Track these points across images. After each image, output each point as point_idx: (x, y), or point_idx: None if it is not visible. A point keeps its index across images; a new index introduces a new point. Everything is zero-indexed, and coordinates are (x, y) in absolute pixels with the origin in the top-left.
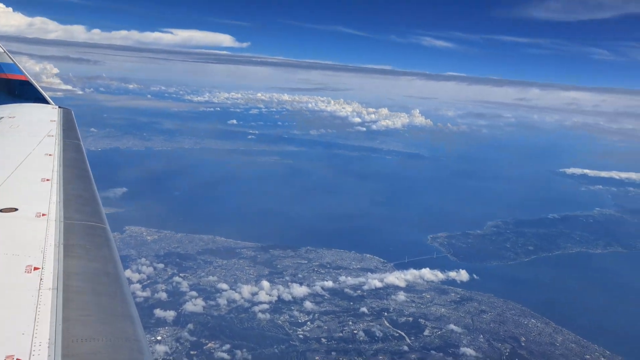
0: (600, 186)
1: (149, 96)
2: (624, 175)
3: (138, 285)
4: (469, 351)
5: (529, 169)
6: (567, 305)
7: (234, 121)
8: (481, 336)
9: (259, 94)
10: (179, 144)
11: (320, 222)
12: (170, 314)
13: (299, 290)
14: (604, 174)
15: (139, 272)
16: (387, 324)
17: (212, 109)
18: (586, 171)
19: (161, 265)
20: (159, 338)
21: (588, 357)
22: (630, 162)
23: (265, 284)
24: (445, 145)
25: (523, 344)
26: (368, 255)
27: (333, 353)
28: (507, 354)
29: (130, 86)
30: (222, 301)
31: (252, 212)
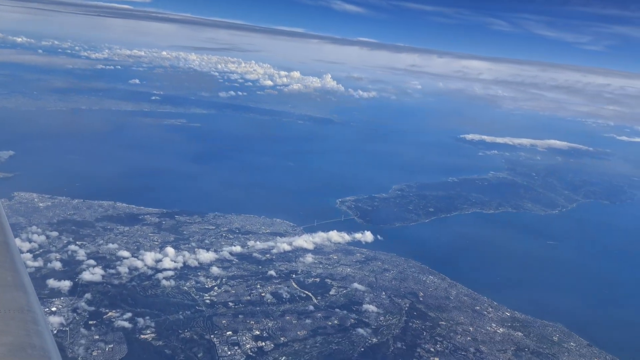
0: (496, 151)
1: (39, 51)
2: (516, 140)
3: (29, 255)
4: (371, 308)
5: (433, 135)
6: (461, 262)
7: (137, 81)
8: (383, 293)
9: (164, 53)
10: (75, 103)
11: (230, 187)
12: (66, 284)
13: (206, 256)
14: (499, 139)
15: (30, 240)
16: (295, 286)
17: (112, 67)
18: (484, 137)
19: (55, 234)
20: (53, 309)
21: (478, 307)
22: (522, 129)
23: (170, 250)
24: (355, 111)
25: (421, 299)
26: (278, 219)
27: (240, 316)
28: (406, 308)
29: (19, 39)
30: (123, 269)
31: (156, 177)
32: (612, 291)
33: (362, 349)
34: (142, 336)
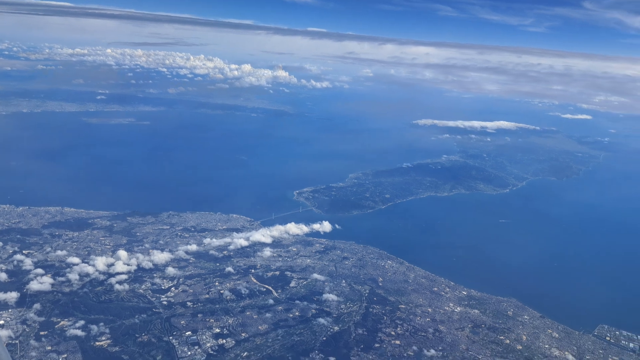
0: (448, 135)
1: None
2: (467, 123)
3: None
4: (332, 297)
5: (387, 121)
6: (418, 245)
7: (81, 80)
8: (343, 281)
9: (109, 50)
10: (16, 107)
11: (183, 185)
12: (13, 296)
13: (161, 256)
14: (451, 123)
15: None
16: (255, 281)
17: (53, 67)
18: (436, 122)
19: None
20: (1, 322)
21: (435, 288)
22: (473, 112)
23: (122, 253)
24: (309, 101)
25: (381, 284)
26: (234, 215)
27: (199, 315)
28: (366, 294)
29: None
30: (73, 276)
31: (106, 179)
32: (561, 263)
33: (324, 338)
34: (97, 343)
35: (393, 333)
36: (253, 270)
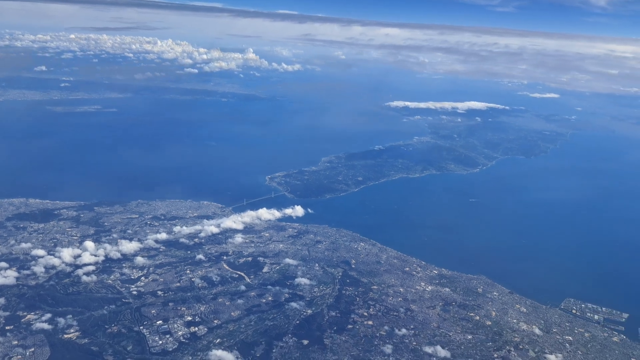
0: (419, 116)
1: None
2: (438, 104)
3: None
4: (304, 280)
5: (359, 104)
6: (390, 226)
7: (43, 67)
8: (316, 265)
9: (73, 36)
10: None
11: (152, 173)
12: None
13: (129, 246)
14: (422, 104)
15: None
16: (227, 267)
17: (14, 54)
18: (407, 103)
19: None
20: None
21: (407, 268)
22: (444, 93)
23: (89, 244)
24: (280, 85)
25: (353, 266)
26: (205, 202)
27: (170, 304)
28: (339, 277)
29: None
30: (38, 269)
31: (72, 169)
32: (529, 240)
33: (297, 322)
34: (66, 336)
35: (366, 314)
36: (225, 257)
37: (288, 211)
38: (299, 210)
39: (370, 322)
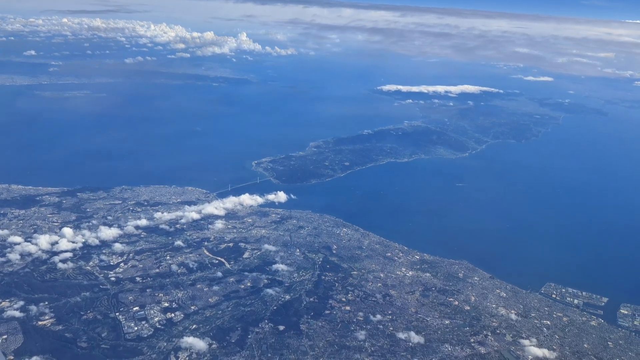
0: (411, 100)
1: None
2: (431, 88)
3: None
4: (284, 267)
5: (350, 88)
6: (374, 212)
7: (33, 52)
8: (297, 250)
9: (65, 20)
10: None
11: (137, 158)
12: None
13: (108, 232)
14: (414, 88)
15: None
16: (207, 253)
17: (3, 39)
18: (400, 87)
19: None
20: None
21: (389, 254)
22: (438, 77)
23: (67, 231)
24: (272, 69)
25: (334, 252)
26: (190, 187)
27: (148, 290)
28: (319, 262)
29: None
30: (14, 256)
31: (56, 155)
32: (514, 225)
33: (275, 308)
34: (40, 323)
35: (344, 299)
36: (206, 243)
37: (271, 197)
38: (281, 196)
39: (347, 308)
